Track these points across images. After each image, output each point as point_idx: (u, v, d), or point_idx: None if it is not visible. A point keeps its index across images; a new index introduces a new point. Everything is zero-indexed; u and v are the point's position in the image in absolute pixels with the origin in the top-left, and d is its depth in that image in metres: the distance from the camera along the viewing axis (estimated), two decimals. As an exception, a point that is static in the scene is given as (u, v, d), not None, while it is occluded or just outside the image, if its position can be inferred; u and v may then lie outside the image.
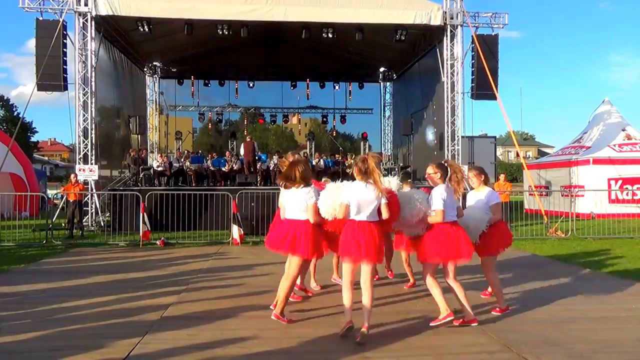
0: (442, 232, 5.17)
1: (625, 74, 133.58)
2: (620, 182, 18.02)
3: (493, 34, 16.70)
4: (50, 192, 22.93)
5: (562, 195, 17.76)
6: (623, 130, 19.68)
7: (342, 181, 5.43)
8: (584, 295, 6.66)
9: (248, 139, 18.50)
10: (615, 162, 18.19)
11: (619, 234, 12.98)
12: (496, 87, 16.01)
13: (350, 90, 25.10)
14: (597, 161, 18.24)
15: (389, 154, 25.33)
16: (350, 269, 4.99)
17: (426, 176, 5.50)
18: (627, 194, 17.76)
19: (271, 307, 5.83)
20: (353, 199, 4.87)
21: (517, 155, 60.63)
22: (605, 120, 20.55)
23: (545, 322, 5.47)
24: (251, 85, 24.15)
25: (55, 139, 75.55)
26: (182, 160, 18.48)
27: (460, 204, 5.55)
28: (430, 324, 5.21)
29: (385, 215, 4.89)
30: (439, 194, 5.16)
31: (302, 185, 5.30)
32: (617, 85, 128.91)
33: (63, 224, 14.00)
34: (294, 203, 5.32)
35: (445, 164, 5.35)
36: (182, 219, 12.76)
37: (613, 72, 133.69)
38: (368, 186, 4.89)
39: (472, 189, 6.15)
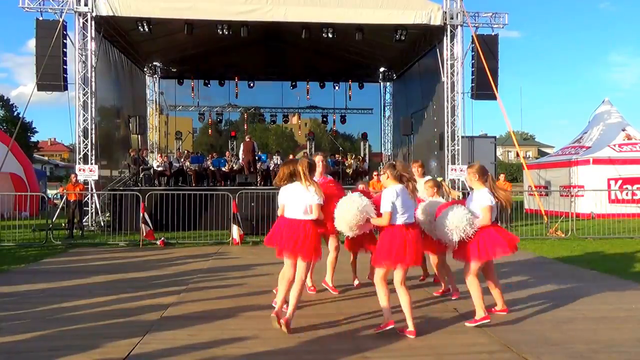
0: (392, 236, 4.96)
1: (625, 73, 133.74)
2: (620, 182, 18.02)
3: (493, 34, 16.72)
4: (50, 192, 22.93)
5: (561, 195, 17.76)
6: (623, 130, 19.69)
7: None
8: (584, 295, 6.66)
9: (247, 139, 18.52)
10: (615, 162, 18.19)
11: (619, 234, 12.98)
12: (496, 87, 16.02)
13: (350, 90, 25.10)
14: (597, 161, 18.24)
15: (389, 154, 25.35)
16: (289, 264, 5.21)
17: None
18: (627, 194, 17.76)
19: (273, 304, 5.87)
20: (287, 198, 5.24)
21: (517, 155, 60.63)
22: (605, 120, 20.56)
23: (545, 322, 5.47)
24: (251, 85, 24.13)
25: (55, 139, 75.66)
26: (182, 160, 18.49)
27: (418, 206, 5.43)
28: (375, 330, 4.99)
29: (314, 214, 5.09)
30: (387, 196, 5.00)
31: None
32: (618, 85, 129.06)
33: (63, 224, 14.00)
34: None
35: (395, 164, 5.21)
36: (182, 219, 12.76)
37: (613, 72, 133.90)
38: (302, 186, 5.16)
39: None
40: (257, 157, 18.70)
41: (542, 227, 13.76)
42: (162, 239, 11.93)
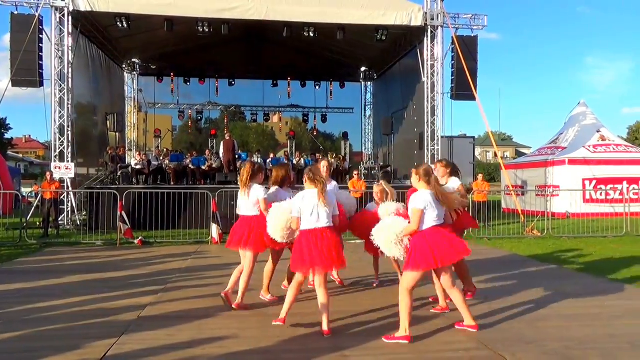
0: (299, 241, 5.13)
1: (602, 76, 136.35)
2: (594, 182, 18.42)
3: (472, 35, 16.91)
4: (25, 190, 22.48)
5: (537, 195, 18.06)
6: (598, 131, 20.12)
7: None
8: (558, 293, 6.80)
9: (227, 137, 18.35)
10: (590, 162, 18.58)
11: (593, 233, 13.27)
12: (475, 87, 16.21)
13: (331, 90, 25.18)
14: (572, 162, 18.61)
15: (369, 153, 25.48)
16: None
17: None
18: (601, 194, 18.16)
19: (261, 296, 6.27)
20: (239, 199, 6.00)
21: (495, 155, 61.40)
22: (580, 122, 20.98)
23: (520, 320, 5.57)
24: (232, 83, 24.05)
25: (30, 136, 74.06)
26: (161, 158, 18.32)
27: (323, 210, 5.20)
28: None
29: (262, 209, 5.72)
30: (294, 200, 5.25)
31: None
32: (594, 88, 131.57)
33: (38, 223, 13.76)
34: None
35: (312, 168, 5.37)
36: (161, 217, 12.66)
37: (590, 74, 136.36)
38: (244, 193, 5.91)
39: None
40: (237, 156, 18.63)
41: (519, 226, 14.00)
42: (140, 238, 11.81)
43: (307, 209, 5.04)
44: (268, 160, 18.74)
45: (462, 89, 16.46)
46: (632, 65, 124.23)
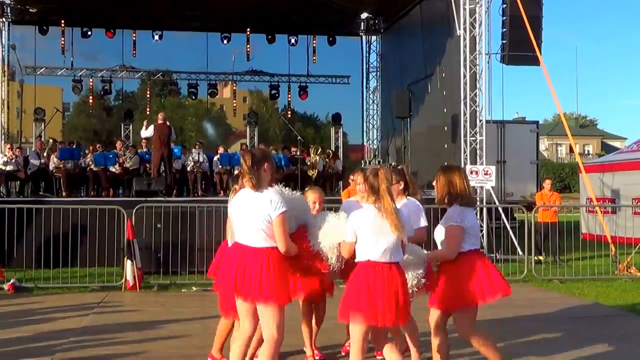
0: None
1: None
2: None
3: (535, -37, 17.09)
4: None
5: (635, 213, 18.14)
6: None
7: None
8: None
9: (161, 121, 17.96)
10: None
11: None
12: (539, 46, 16.34)
13: (314, 48, 25.26)
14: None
15: (374, 147, 25.49)
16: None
17: None
18: None
19: None
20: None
21: (571, 150, 61.70)
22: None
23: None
24: (158, 36, 23.98)
25: None
26: (46, 154, 18.18)
27: None
28: None
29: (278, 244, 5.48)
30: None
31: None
32: None
33: None
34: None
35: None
36: (46, 249, 12.52)
37: None
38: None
39: None
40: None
41: (607, 262, 14.08)
42: (13, 281, 11.69)
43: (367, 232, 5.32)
44: (215, 158, 18.62)
45: (519, 48, 16.59)
46: None
